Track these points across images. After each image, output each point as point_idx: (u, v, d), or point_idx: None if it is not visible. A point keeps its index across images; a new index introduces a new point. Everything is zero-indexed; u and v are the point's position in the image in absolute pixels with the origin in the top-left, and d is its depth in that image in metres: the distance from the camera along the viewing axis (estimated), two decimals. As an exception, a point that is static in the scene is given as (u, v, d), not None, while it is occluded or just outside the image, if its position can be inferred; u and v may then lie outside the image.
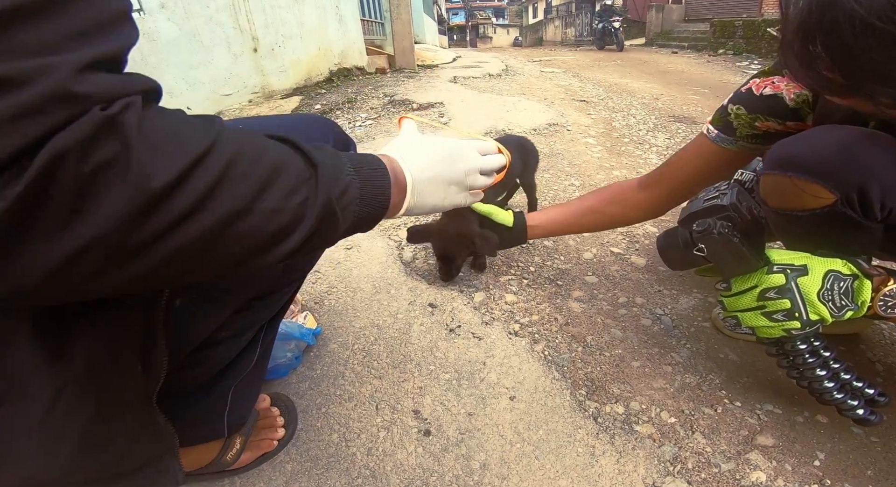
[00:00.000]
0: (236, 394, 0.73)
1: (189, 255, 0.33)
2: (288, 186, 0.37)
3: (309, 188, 0.38)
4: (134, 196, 0.28)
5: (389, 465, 0.82)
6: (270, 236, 0.36)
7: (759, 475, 0.80)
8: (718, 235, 0.72)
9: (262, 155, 0.36)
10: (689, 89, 4.82)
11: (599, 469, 0.81)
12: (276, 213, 0.36)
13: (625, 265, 1.42)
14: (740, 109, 0.89)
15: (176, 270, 0.33)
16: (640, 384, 0.99)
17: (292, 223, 0.37)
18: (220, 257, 0.35)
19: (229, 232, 0.33)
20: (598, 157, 2.42)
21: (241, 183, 0.33)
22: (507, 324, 1.16)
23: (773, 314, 0.75)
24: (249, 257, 0.36)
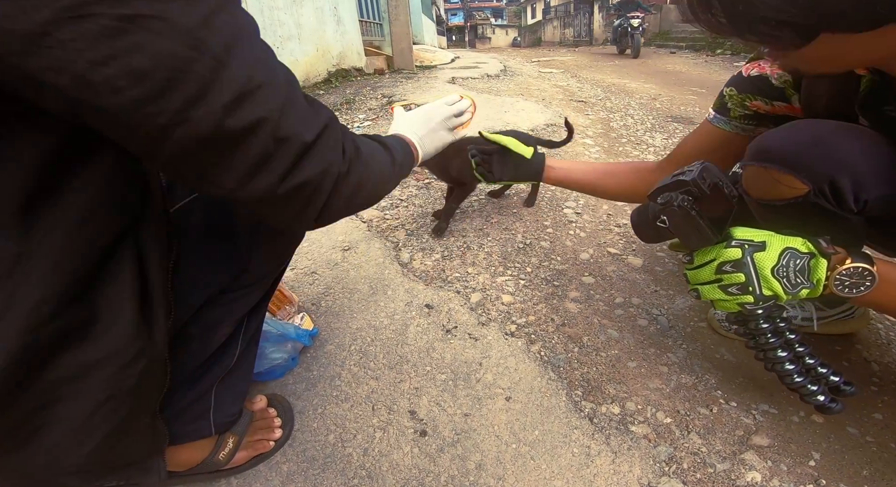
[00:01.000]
0: (220, 392, 0.74)
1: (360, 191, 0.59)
2: (389, 175, 0.69)
3: (397, 173, 0.74)
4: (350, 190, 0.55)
5: (385, 465, 0.82)
6: (388, 184, 0.71)
7: (755, 475, 0.80)
8: (678, 208, 0.74)
9: (382, 161, 0.67)
10: (686, 90, 4.83)
11: (595, 470, 0.81)
12: (387, 183, 0.70)
13: (621, 266, 1.42)
14: (732, 90, 0.94)
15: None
16: (635, 384, 0.99)
17: (393, 184, 0.74)
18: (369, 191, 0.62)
19: (376, 189, 0.65)
20: (595, 157, 2.42)
21: (376, 175, 0.63)
22: (503, 325, 1.16)
23: (729, 288, 0.76)
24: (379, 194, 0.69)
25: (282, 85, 0.45)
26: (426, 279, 1.35)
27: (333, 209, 0.54)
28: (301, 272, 1.37)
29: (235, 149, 0.42)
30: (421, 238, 1.56)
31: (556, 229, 1.63)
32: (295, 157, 0.46)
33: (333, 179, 0.51)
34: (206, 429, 0.74)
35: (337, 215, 0.56)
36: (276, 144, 0.44)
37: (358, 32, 5.80)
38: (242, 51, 0.40)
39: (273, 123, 0.43)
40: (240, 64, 0.40)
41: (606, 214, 1.76)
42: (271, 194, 0.46)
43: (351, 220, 1.66)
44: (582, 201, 1.86)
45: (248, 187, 0.44)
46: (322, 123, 0.49)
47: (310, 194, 0.50)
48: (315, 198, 0.51)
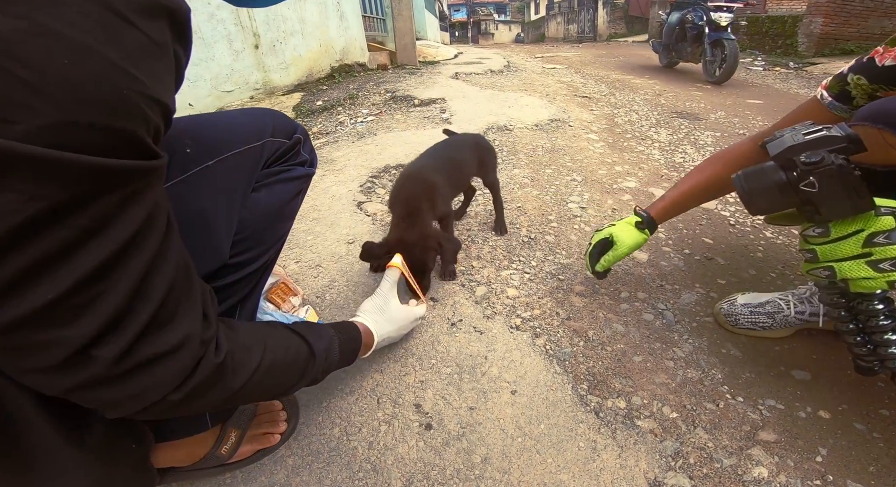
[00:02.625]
0: None
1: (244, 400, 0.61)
2: (299, 372, 0.68)
3: (312, 370, 0.70)
4: (224, 392, 0.54)
5: (391, 459, 0.82)
6: (288, 389, 0.68)
7: (761, 470, 0.80)
8: (838, 167, 0.64)
9: (286, 357, 0.65)
10: (691, 86, 4.80)
11: (601, 464, 0.80)
12: (291, 386, 0.68)
13: (627, 260, 1.41)
14: (861, 79, 0.87)
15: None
16: (641, 378, 0.99)
17: (301, 384, 0.69)
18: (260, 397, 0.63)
19: (267, 393, 0.64)
20: (599, 152, 2.41)
21: (276, 376, 0.63)
22: (508, 318, 1.16)
23: (880, 264, 0.67)
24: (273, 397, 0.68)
25: (110, 309, 0.40)
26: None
27: (159, 413, 0.49)
28: (306, 265, 1.37)
29: (16, 354, 0.39)
30: (425, 233, 1.56)
31: (561, 224, 1.63)
32: (91, 380, 0.41)
33: (146, 404, 0.46)
34: (203, 423, 0.74)
35: (171, 415, 0.52)
36: (66, 363, 0.40)
37: (361, 28, 5.78)
38: (66, 266, 0.36)
39: (64, 347, 0.39)
40: (51, 282, 0.36)
41: (611, 208, 1.75)
42: (59, 392, 0.42)
43: (355, 213, 1.65)
44: (587, 195, 1.86)
45: (35, 382, 0.42)
46: (165, 347, 0.45)
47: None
48: (118, 410, 0.46)
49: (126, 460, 0.59)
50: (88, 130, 0.34)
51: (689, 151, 2.52)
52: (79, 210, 0.35)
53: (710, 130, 2.95)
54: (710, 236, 1.59)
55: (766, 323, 1.09)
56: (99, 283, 0.38)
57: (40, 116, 0.31)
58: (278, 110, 0.84)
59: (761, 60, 7.01)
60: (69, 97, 0.32)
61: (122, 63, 0.35)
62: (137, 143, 0.37)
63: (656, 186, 2.00)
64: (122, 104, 0.35)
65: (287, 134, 0.80)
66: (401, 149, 2.26)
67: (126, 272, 0.40)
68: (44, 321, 0.37)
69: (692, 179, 1.13)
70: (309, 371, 0.69)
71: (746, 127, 3.06)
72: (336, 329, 0.79)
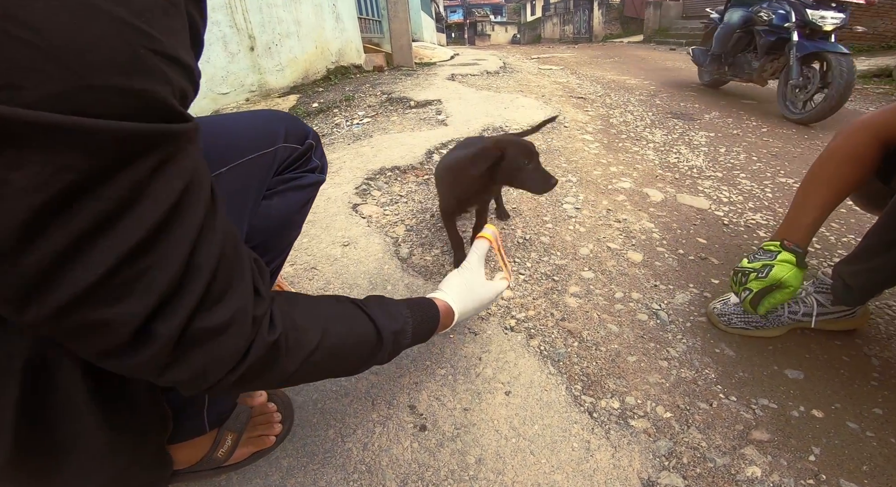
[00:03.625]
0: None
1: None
2: (363, 357, 0.65)
3: (379, 354, 0.67)
4: (279, 375, 0.53)
5: (385, 460, 0.82)
6: (350, 371, 0.66)
7: (755, 470, 0.80)
8: None
9: (347, 340, 0.61)
10: (686, 86, 4.82)
11: (594, 464, 0.81)
12: (354, 369, 0.66)
13: (621, 261, 1.42)
14: None
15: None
16: (635, 378, 0.99)
17: (365, 367, 0.68)
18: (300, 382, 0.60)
19: (327, 375, 0.63)
20: (595, 153, 2.42)
21: (336, 359, 0.61)
22: (502, 319, 1.16)
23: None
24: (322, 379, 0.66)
25: (163, 283, 0.39)
26: (426, 274, 1.34)
27: (220, 391, 0.49)
28: (301, 268, 1.37)
29: (76, 337, 0.38)
30: (420, 233, 1.56)
31: (556, 225, 1.63)
32: (152, 360, 0.41)
33: (210, 384, 0.46)
34: (201, 427, 0.74)
35: (233, 391, 0.55)
36: (127, 343, 0.39)
37: (357, 30, 5.78)
38: (106, 242, 0.35)
39: (123, 326, 0.38)
40: (96, 259, 0.35)
41: (606, 209, 1.75)
42: (125, 373, 0.43)
43: (350, 215, 1.65)
44: (582, 196, 1.86)
45: (99, 364, 0.41)
46: (220, 321, 0.44)
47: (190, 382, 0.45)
48: (185, 389, 0.46)
49: (148, 446, 0.59)
50: (105, 94, 0.31)
51: (684, 151, 2.53)
52: (109, 180, 0.33)
53: (705, 131, 2.96)
54: (704, 236, 1.59)
55: (759, 322, 1.09)
56: (146, 256, 0.37)
57: (51, 81, 0.29)
58: (290, 114, 0.84)
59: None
60: (80, 59, 0.30)
61: (133, 20, 0.32)
62: (160, 105, 0.35)
63: (651, 186, 2.01)
64: (139, 63, 0.33)
65: (300, 139, 0.79)
66: (396, 151, 2.25)
67: (172, 244, 0.38)
68: (99, 298, 0.36)
69: (821, 192, 1.01)
70: (374, 355, 0.66)
71: (740, 127, 3.07)
72: (412, 309, 0.75)
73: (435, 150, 2.28)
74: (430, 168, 2.09)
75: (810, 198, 1.02)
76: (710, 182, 2.09)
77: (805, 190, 1.03)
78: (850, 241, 1.59)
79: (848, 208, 1.84)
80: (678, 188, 2.00)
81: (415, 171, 2.07)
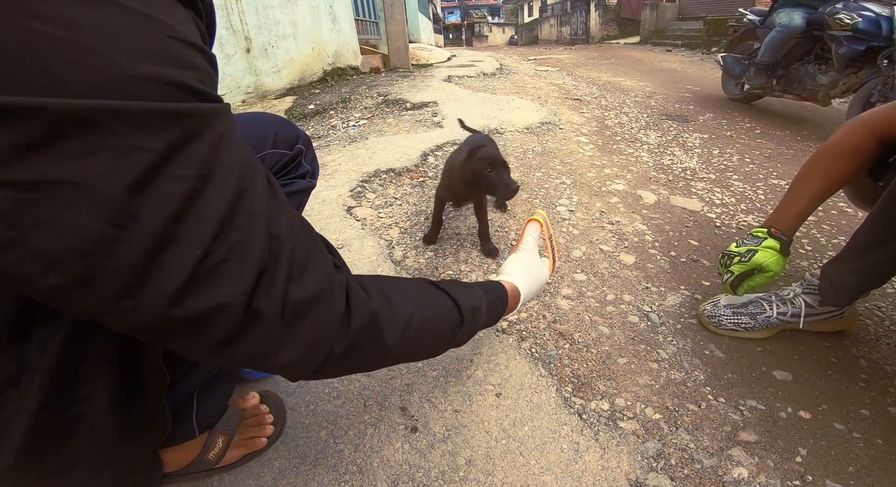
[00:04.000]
0: (203, 397, 0.73)
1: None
2: (449, 332, 0.65)
3: (461, 331, 0.67)
4: (380, 347, 0.53)
5: (376, 461, 0.82)
6: (438, 349, 0.66)
7: (742, 471, 0.81)
8: None
9: (436, 315, 0.62)
10: (682, 88, 4.84)
11: (583, 465, 0.82)
12: (441, 345, 0.66)
13: (613, 263, 1.43)
14: None
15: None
16: (625, 380, 1.00)
17: (450, 345, 0.67)
18: (393, 363, 0.59)
19: (419, 353, 0.64)
20: (589, 155, 2.43)
21: (427, 334, 0.60)
22: (495, 322, 1.17)
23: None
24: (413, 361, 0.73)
25: (256, 256, 0.38)
26: (419, 277, 1.35)
27: (332, 373, 0.51)
28: (294, 270, 1.37)
29: (189, 331, 0.37)
30: (415, 236, 1.56)
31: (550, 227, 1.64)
32: (265, 340, 0.41)
33: (321, 358, 0.46)
34: (190, 431, 0.74)
35: (339, 374, 0.53)
36: (240, 325, 0.39)
37: (354, 31, 5.79)
38: (196, 220, 0.34)
39: (235, 308, 0.37)
40: (191, 239, 0.34)
41: (599, 211, 1.76)
42: (239, 364, 0.43)
43: (344, 218, 1.66)
44: (575, 198, 1.87)
45: (212, 360, 0.42)
46: (314, 289, 0.44)
47: (292, 368, 0.45)
48: (299, 370, 0.46)
49: (147, 447, 0.59)
50: (142, 82, 0.31)
51: (678, 153, 2.54)
52: (181, 158, 0.33)
53: (699, 132, 2.98)
54: (696, 237, 1.60)
55: (748, 324, 1.10)
56: (233, 230, 0.36)
57: (91, 73, 0.29)
58: (281, 116, 0.83)
59: (751, 63, 7.05)
60: (112, 48, 0.30)
61: (145, 10, 0.32)
62: (194, 90, 0.35)
63: (644, 188, 2.02)
64: (166, 51, 0.33)
65: (289, 144, 0.78)
66: (391, 153, 2.26)
67: (253, 216, 0.38)
68: (204, 281, 0.35)
69: (813, 185, 1.05)
70: (457, 331, 0.65)
71: (734, 128, 3.09)
72: (483, 289, 0.75)
73: (430, 152, 2.29)
74: (425, 170, 2.10)
75: (802, 189, 1.06)
76: (703, 184, 2.10)
77: (798, 181, 1.07)
78: (839, 243, 1.60)
79: (839, 209, 1.86)
80: (671, 190, 2.02)
81: (410, 173, 2.08)
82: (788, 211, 1.07)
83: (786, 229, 1.06)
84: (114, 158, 0.30)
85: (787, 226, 1.06)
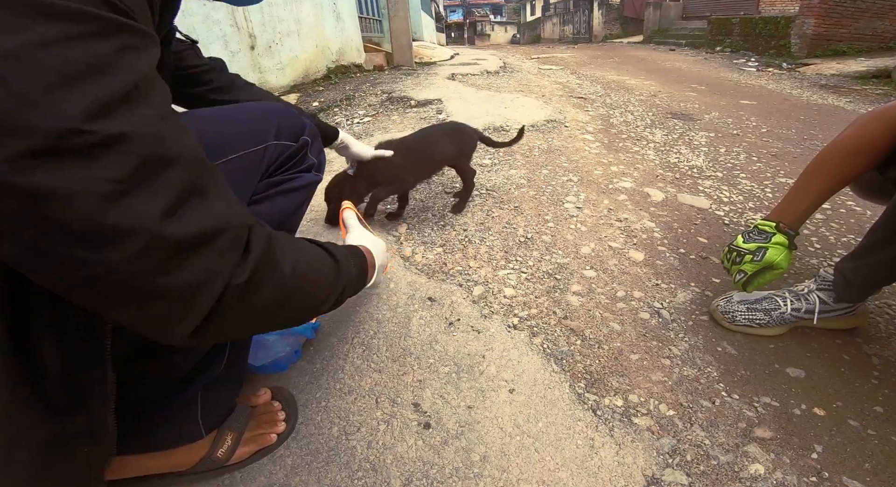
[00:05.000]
0: (208, 398, 0.72)
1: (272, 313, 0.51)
2: (330, 277, 0.61)
3: (339, 278, 0.63)
4: (279, 282, 0.49)
5: (389, 458, 0.82)
6: (324, 298, 0.60)
7: (758, 467, 0.81)
8: None
9: (316, 255, 0.60)
10: (686, 86, 4.83)
11: (599, 461, 0.81)
12: (326, 294, 0.60)
13: (623, 260, 1.42)
14: None
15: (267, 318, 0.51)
16: (638, 376, 0.99)
17: (332, 296, 0.62)
18: (288, 313, 0.54)
19: (309, 300, 0.57)
20: (595, 153, 2.42)
21: (314, 275, 0.57)
22: (505, 318, 1.16)
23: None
24: (302, 316, 0.59)
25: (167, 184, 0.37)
26: (428, 273, 1.35)
27: (224, 324, 0.45)
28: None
29: (100, 243, 0.35)
30: (422, 232, 1.56)
31: (557, 224, 1.63)
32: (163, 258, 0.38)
33: (220, 288, 0.42)
34: (197, 432, 0.73)
35: (231, 330, 0.48)
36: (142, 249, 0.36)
37: (357, 29, 5.79)
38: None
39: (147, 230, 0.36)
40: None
41: (607, 209, 1.76)
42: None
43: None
44: (583, 195, 1.86)
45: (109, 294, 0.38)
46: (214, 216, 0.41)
47: (185, 300, 0.40)
48: (192, 306, 0.41)
49: (76, 462, 0.50)
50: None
51: (684, 151, 2.54)
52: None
53: (705, 131, 2.97)
54: (705, 235, 1.60)
55: (762, 320, 1.10)
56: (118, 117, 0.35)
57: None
58: (285, 104, 0.79)
59: (755, 61, 7.05)
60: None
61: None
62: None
63: (651, 186, 2.01)
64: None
65: (294, 135, 0.76)
66: (397, 149, 2.26)
67: (141, 115, 0.36)
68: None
69: (823, 179, 1.03)
70: (337, 276, 0.63)
71: (740, 127, 3.08)
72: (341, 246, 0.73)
73: (436, 149, 2.28)
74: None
75: (811, 183, 1.05)
76: (711, 182, 2.09)
77: (808, 175, 1.05)
78: (849, 241, 1.59)
79: (848, 208, 1.85)
80: (679, 188, 2.01)
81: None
82: (796, 206, 1.06)
83: (793, 222, 1.06)
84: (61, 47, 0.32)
85: (795, 220, 1.06)
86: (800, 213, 1.05)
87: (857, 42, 7.02)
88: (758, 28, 8.11)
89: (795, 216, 1.06)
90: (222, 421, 0.78)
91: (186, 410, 0.71)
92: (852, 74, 5.52)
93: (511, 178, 2.05)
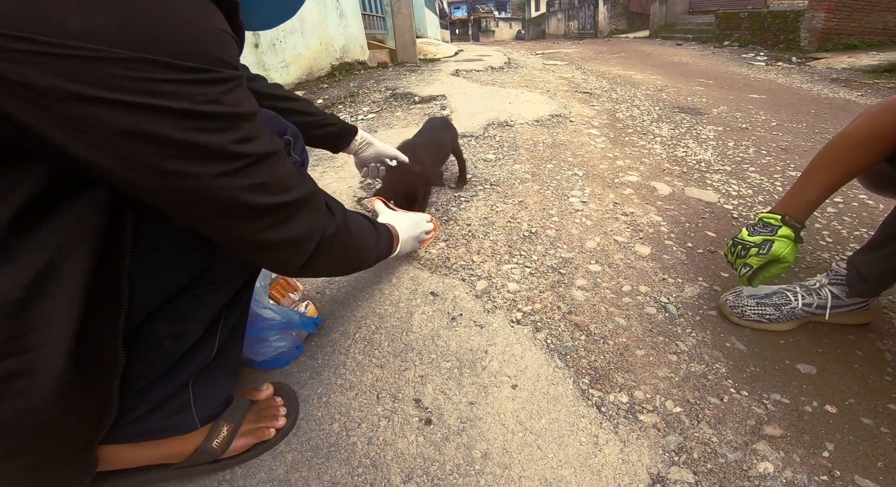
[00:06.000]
0: (200, 386, 0.71)
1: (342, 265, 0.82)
2: (374, 240, 0.90)
3: (378, 242, 0.93)
4: (349, 238, 0.76)
5: (390, 454, 0.80)
6: (369, 256, 0.89)
7: (767, 465, 0.79)
8: None
9: (361, 220, 0.86)
10: (693, 81, 4.77)
11: (603, 459, 0.79)
12: (371, 253, 0.90)
13: (629, 254, 1.40)
14: None
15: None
16: (644, 372, 0.97)
17: (374, 254, 0.92)
18: (345, 264, 0.83)
19: (360, 257, 0.86)
20: (601, 147, 2.39)
21: (361, 233, 0.84)
22: (509, 312, 1.15)
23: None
24: (354, 267, 0.88)
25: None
26: (431, 267, 1.33)
27: (318, 263, 0.66)
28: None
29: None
30: (425, 228, 1.54)
31: (562, 218, 1.61)
32: (286, 214, 0.58)
33: (319, 237, 0.64)
34: (191, 422, 0.72)
35: (321, 269, 0.70)
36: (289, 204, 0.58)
37: (361, 26, 5.77)
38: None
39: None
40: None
41: (613, 202, 1.73)
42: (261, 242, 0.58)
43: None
44: (588, 189, 1.84)
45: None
46: (308, 189, 0.62)
47: (297, 247, 0.62)
48: (302, 250, 0.63)
49: (81, 434, 0.57)
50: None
51: (692, 145, 2.50)
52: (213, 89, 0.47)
53: (713, 125, 2.93)
54: (713, 229, 1.57)
55: (772, 315, 1.07)
56: None
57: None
58: (266, 109, 0.81)
59: (764, 55, 6.96)
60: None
61: None
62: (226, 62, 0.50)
63: (658, 180, 1.98)
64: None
65: (277, 135, 0.77)
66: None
67: (260, 127, 0.54)
68: None
69: (831, 170, 1.00)
70: (378, 243, 0.92)
71: (749, 121, 3.04)
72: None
73: (440, 144, 2.26)
74: (435, 162, 2.08)
75: (818, 175, 1.01)
76: (719, 176, 2.06)
77: (815, 166, 1.02)
78: (861, 235, 1.56)
79: (860, 202, 1.81)
80: (686, 182, 1.98)
81: (419, 165, 2.05)
82: (802, 197, 1.02)
83: (799, 215, 1.03)
84: None
85: (801, 212, 1.03)
86: (806, 205, 1.02)
87: (868, 36, 6.91)
88: (766, 22, 8.01)
89: (801, 208, 1.02)
90: (219, 413, 0.77)
91: (176, 400, 0.70)
92: (864, 67, 5.44)
93: (515, 172, 2.03)
